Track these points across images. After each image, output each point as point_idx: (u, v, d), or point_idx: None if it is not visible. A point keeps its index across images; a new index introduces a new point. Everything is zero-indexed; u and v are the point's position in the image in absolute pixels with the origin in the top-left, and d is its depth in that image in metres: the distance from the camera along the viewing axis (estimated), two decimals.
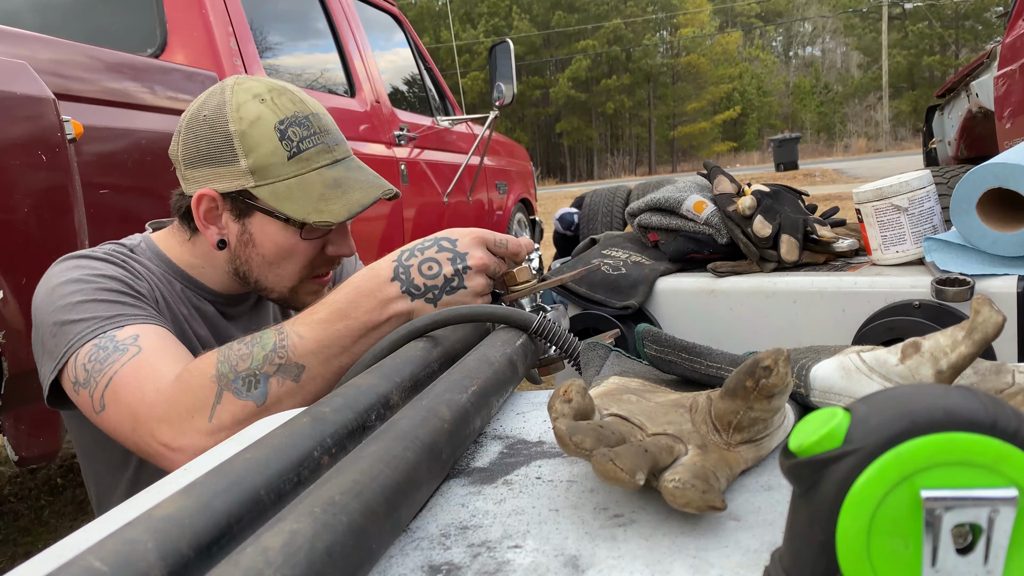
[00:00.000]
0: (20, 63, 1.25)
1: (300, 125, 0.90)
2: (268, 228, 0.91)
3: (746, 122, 44.22)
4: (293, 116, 0.90)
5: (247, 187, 0.89)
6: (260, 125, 0.88)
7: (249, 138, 0.87)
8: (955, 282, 0.90)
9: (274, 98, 0.90)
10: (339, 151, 0.94)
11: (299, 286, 0.96)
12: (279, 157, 0.88)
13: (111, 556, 0.31)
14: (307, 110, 0.92)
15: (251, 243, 0.92)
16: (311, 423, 0.48)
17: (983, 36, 34.22)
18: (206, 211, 0.91)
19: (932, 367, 0.45)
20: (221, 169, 0.89)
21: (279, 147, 0.88)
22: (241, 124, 0.87)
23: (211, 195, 0.90)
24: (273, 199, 0.89)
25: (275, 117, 0.89)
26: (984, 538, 0.26)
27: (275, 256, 0.93)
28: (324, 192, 0.89)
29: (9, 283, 1.21)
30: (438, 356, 0.67)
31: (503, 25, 42.27)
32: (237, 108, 0.88)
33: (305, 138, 0.90)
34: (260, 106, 0.89)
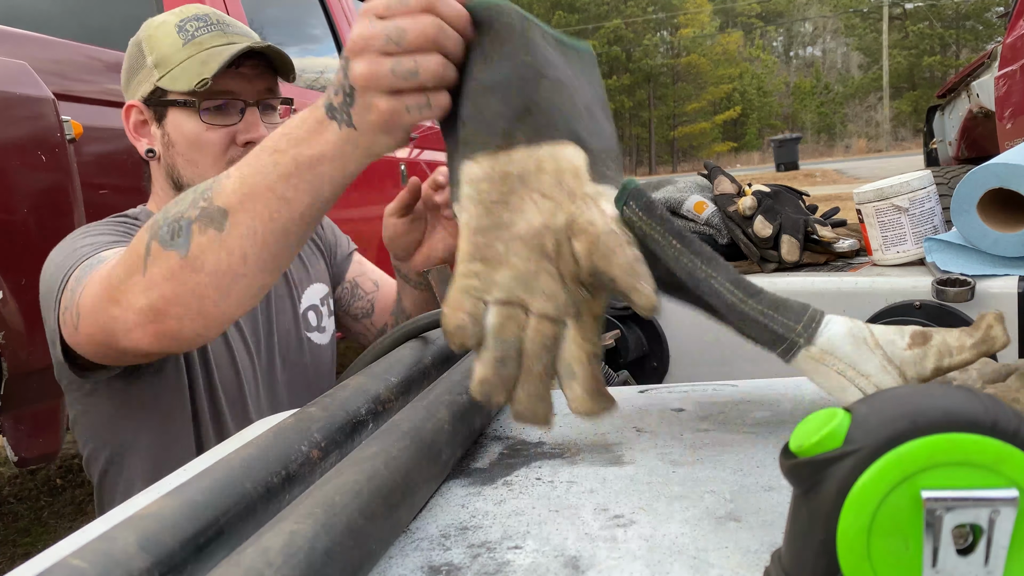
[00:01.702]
0: (20, 63, 1.25)
1: (198, 20, 0.98)
2: (178, 122, 0.97)
3: (746, 122, 44.23)
4: (194, 15, 0.98)
5: (154, 83, 0.96)
6: (164, 26, 0.97)
7: (153, 39, 0.97)
8: (956, 282, 0.90)
9: (183, 9, 1.00)
10: (237, 38, 0.98)
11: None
12: (175, 46, 0.95)
13: (91, 553, 0.32)
14: (208, 11, 0.99)
15: (170, 144, 0.98)
16: (296, 422, 0.48)
17: (984, 36, 34.22)
18: (135, 124, 1.00)
19: (935, 362, 0.46)
20: (139, 76, 0.98)
21: (176, 39, 0.96)
22: (149, 30, 0.98)
23: (135, 105, 0.99)
24: (171, 83, 0.95)
25: (176, 18, 0.98)
26: (985, 539, 0.26)
27: (189, 150, 0.97)
28: (206, 60, 0.94)
29: (9, 283, 1.21)
30: (431, 354, 0.67)
31: None
32: (150, 21, 0.99)
33: (201, 28, 0.97)
34: (167, 15, 0.99)
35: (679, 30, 44.78)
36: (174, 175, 0.99)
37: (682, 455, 0.50)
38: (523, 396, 0.47)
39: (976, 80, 3.69)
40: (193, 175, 0.97)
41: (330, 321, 1.18)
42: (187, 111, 0.95)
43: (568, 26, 42.77)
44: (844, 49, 46.59)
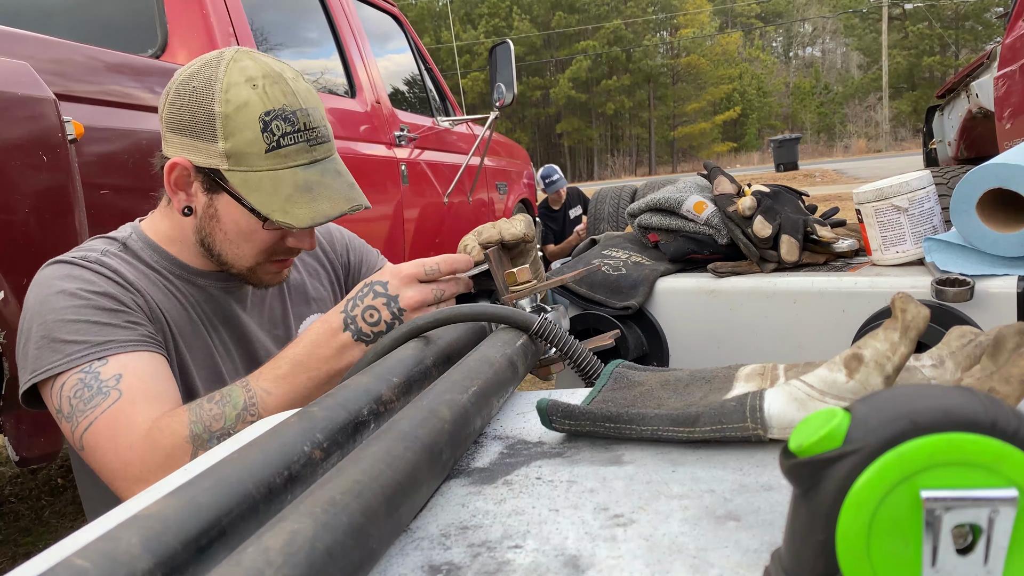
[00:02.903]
0: (21, 64, 1.25)
1: (285, 120, 0.89)
2: (232, 210, 0.92)
3: (746, 123, 44.22)
4: (280, 109, 0.88)
5: (220, 168, 0.89)
6: (245, 112, 0.87)
7: (232, 122, 0.87)
8: (955, 282, 0.90)
9: (266, 86, 0.88)
10: (320, 151, 0.93)
11: (258, 267, 0.98)
12: (257, 148, 0.88)
13: (94, 554, 0.32)
14: (297, 104, 0.90)
15: (215, 217, 0.94)
16: (299, 421, 0.48)
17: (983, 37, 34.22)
18: (177, 177, 0.92)
19: (880, 375, 0.46)
20: (199, 143, 0.89)
21: (259, 138, 0.87)
22: (227, 107, 0.87)
23: (184, 164, 0.90)
24: (243, 187, 0.89)
25: (262, 107, 0.87)
26: (984, 538, 0.26)
27: (235, 236, 0.94)
28: (293, 194, 0.89)
29: (10, 283, 1.21)
30: (432, 355, 0.67)
31: (503, 26, 42.28)
32: (227, 89, 0.87)
33: (288, 134, 0.89)
34: (250, 92, 0.87)
35: (679, 30, 44.78)
36: (206, 241, 0.96)
37: (682, 455, 0.50)
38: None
39: (975, 80, 3.69)
40: (228, 251, 0.95)
41: None
42: (247, 209, 0.91)
43: (568, 26, 42.79)
44: (843, 49, 46.61)
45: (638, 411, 0.53)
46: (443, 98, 3.70)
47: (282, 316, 1.10)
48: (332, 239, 1.23)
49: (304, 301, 1.14)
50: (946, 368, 0.53)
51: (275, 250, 0.96)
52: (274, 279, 1.01)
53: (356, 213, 0.95)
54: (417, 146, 3.03)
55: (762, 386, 0.57)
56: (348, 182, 0.96)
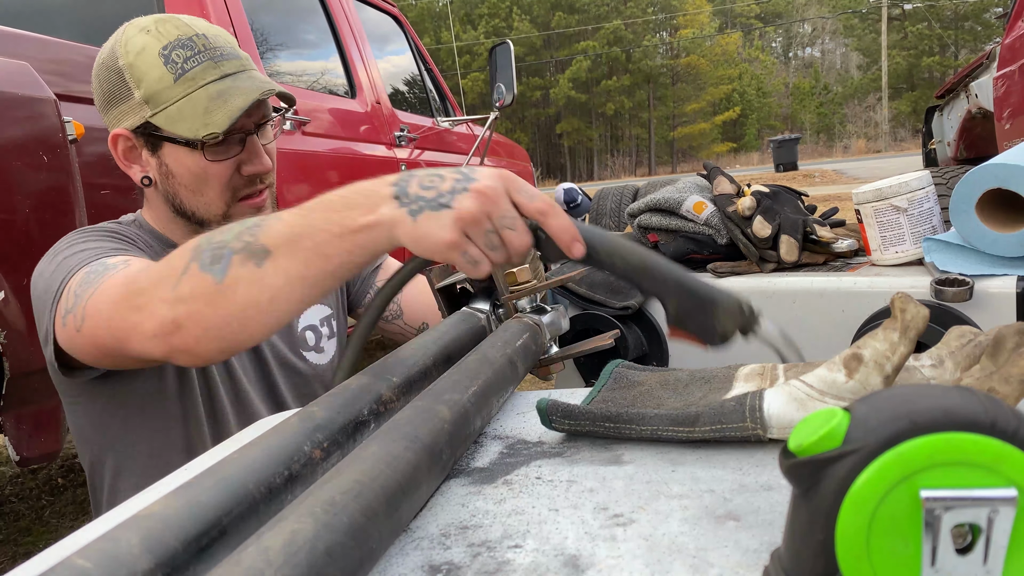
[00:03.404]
0: (22, 64, 1.25)
1: (184, 47, 0.91)
2: (177, 155, 0.93)
3: (746, 123, 44.23)
4: (176, 40, 0.91)
5: (146, 118, 0.91)
6: (145, 54, 0.90)
7: (136, 69, 0.90)
8: (954, 282, 0.90)
9: (158, 27, 0.91)
10: (228, 66, 0.94)
11: (231, 212, 0.97)
12: (166, 81, 0.90)
13: (95, 554, 0.32)
14: (191, 32, 0.92)
15: (169, 174, 0.95)
16: (299, 421, 0.48)
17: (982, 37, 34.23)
18: (124, 151, 0.95)
19: (879, 375, 0.46)
20: (123, 106, 0.92)
21: (165, 72, 0.89)
22: (128, 57, 0.90)
23: (123, 134, 0.93)
24: (168, 124, 0.90)
25: (158, 44, 0.90)
26: (983, 538, 0.26)
27: (192, 182, 0.94)
28: (208, 105, 0.90)
29: (10, 283, 1.21)
30: (432, 355, 0.67)
31: (503, 26, 42.29)
32: (125, 43, 0.91)
33: (189, 58, 0.91)
34: (145, 37, 0.91)
35: (678, 31, 44.79)
36: (175, 202, 0.96)
37: (682, 455, 0.50)
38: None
39: (975, 81, 3.69)
40: (197, 204, 0.96)
41: (331, 343, 1.17)
42: (187, 147, 0.92)
43: (568, 27, 42.80)
44: (843, 50, 46.62)
45: (638, 411, 0.53)
46: (443, 98, 3.70)
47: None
48: None
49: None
50: (945, 368, 0.53)
51: (235, 185, 0.96)
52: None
53: None
54: (417, 146, 3.03)
55: (762, 386, 0.57)
56: (262, 79, 0.95)
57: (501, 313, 0.85)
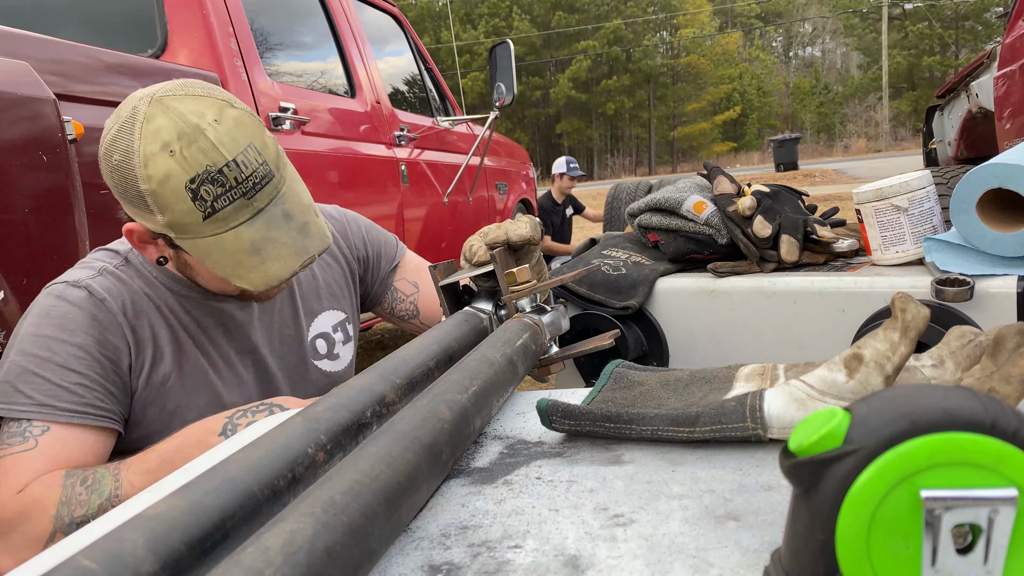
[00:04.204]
0: (21, 64, 1.25)
1: (214, 182, 0.83)
2: (200, 266, 0.93)
3: (746, 122, 44.22)
4: (205, 172, 0.82)
5: (171, 237, 0.86)
6: (169, 184, 0.81)
7: (161, 198, 0.82)
8: (955, 282, 0.90)
9: (183, 150, 0.81)
10: (260, 198, 0.86)
11: (246, 292, 0.98)
12: (194, 217, 0.83)
13: (100, 554, 0.32)
14: (221, 159, 0.83)
15: (188, 266, 0.95)
16: (303, 422, 0.48)
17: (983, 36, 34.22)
18: (138, 239, 0.91)
19: (880, 375, 0.46)
20: (143, 213, 0.85)
21: (193, 208, 0.83)
22: (151, 183, 0.81)
23: (139, 229, 0.89)
24: (196, 252, 0.87)
25: (185, 175, 0.81)
26: (984, 538, 0.26)
27: (213, 281, 0.96)
28: (242, 259, 0.86)
29: (10, 283, 1.21)
30: (434, 355, 0.67)
31: (503, 26, 42.28)
32: (145, 164, 0.81)
33: (220, 196, 0.83)
34: (168, 161, 0.81)
35: (679, 30, 44.79)
36: (188, 277, 0.98)
37: (682, 455, 0.50)
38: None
39: (975, 80, 3.69)
40: (212, 286, 0.97)
41: (345, 348, 1.16)
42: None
43: (568, 26, 42.81)
44: (843, 49, 46.63)
45: (638, 411, 0.53)
46: (443, 98, 3.70)
47: (292, 316, 1.10)
48: (347, 232, 1.21)
49: (316, 297, 1.13)
50: (946, 368, 0.53)
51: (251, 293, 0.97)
52: (264, 295, 1.01)
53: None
54: (417, 146, 3.03)
55: (762, 386, 0.57)
56: (298, 225, 0.89)
57: (503, 314, 0.85)
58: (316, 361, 1.11)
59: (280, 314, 1.08)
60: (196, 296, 0.99)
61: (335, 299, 1.16)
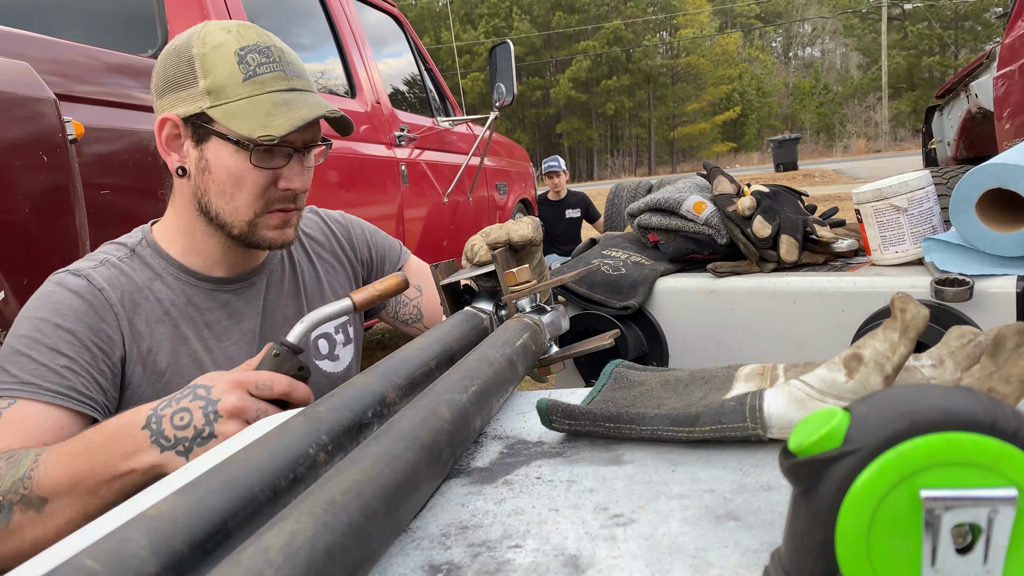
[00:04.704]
0: (22, 64, 1.25)
1: (260, 52, 0.92)
2: (221, 153, 0.93)
3: (746, 123, 44.23)
4: (255, 44, 0.92)
5: (204, 108, 0.91)
6: (221, 49, 0.91)
7: (209, 60, 0.91)
8: (954, 282, 0.90)
9: (239, 29, 0.93)
10: (297, 82, 0.95)
11: (257, 220, 0.96)
12: (235, 79, 0.90)
13: (104, 554, 0.32)
14: (271, 42, 0.94)
15: (207, 169, 0.94)
16: (305, 422, 0.48)
17: (982, 37, 34.22)
18: (168, 137, 0.94)
19: (879, 375, 0.46)
20: (183, 92, 0.92)
21: (236, 69, 0.91)
22: (204, 47, 0.91)
23: (172, 119, 0.93)
24: (225, 118, 0.91)
25: (236, 44, 0.91)
26: (984, 538, 0.26)
27: (227, 183, 0.94)
28: (271, 110, 0.91)
29: (11, 283, 1.21)
30: (435, 355, 0.67)
31: (503, 26, 42.29)
32: (203, 36, 0.92)
33: (263, 64, 0.92)
34: (225, 34, 0.92)
35: (679, 31, 44.80)
36: (203, 200, 0.96)
37: (682, 455, 0.50)
38: None
39: (975, 80, 3.69)
40: (224, 207, 0.95)
41: (346, 350, 1.16)
42: (234, 146, 0.92)
43: (568, 27, 42.81)
44: (843, 49, 46.63)
45: (638, 411, 0.53)
46: (443, 98, 3.70)
47: (296, 314, 1.09)
48: (351, 235, 1.21)
49: (320, 298, 1.13)
50: (946, 368, 0.53)
51: (269, 197, 0.96)
52: (278, 236, 0.98)
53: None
54: (417, 146, 3.03)
55: (762, 386, 0.57)
56: (326, 102, 0.97)
57: (504, 314, 0.85)
58: (317, 361, 1.11)
59: (284, 311, 1.08)
60: (204, 285, 0.99)
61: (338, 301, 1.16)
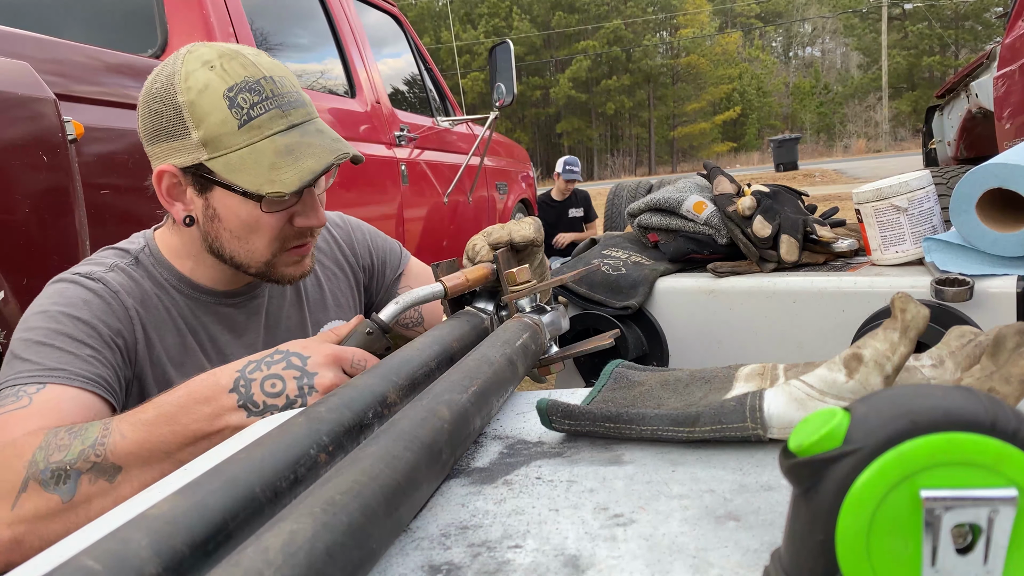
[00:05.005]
0: (22, 64, 1.25)
1: (251, 91, 0.86)
2: (229, 202, 0.88)
3: (746, 122, 44.23)
4: (243, 82, 0.85)
5: (202, 160, 0.86)
6: (208, 93, 0.84)
7: (198, 108, 0.84)
8: (954, 282, 0.90)
9: (224, 64, 0.86)
10: (296, 115, 0.89)
11: (275, 260, 0.94)
12: (229, 127, 0.85)
13: (104, 555, 0.32)
14: (259, 73, 0.87)
15: (216, 218, 0.90)
16: (306, 422, 0.48)
17: (983, 37, 34.22)
18: (168, 187, 0.89)
19: (879, 375, 0.46)
20: (176, 143, 0.86)
21: (229, 116, 0.84)
22: (189, 94, 0.84)
23: (170, 171, 0.88)
24: (227, 171, 0.85)
25: (224, 84, 0.85)
26: (984, 538, 0.26)
27: (241, 230, 0.90)
28: (275, 161, 0.85)
29: (10, 283, 1.21)
30: (436, 356, 0.67)
31: (503, 26, 42.29)
32: (185, 78, 0.85)
33: (256, 104, 0.86)
34: (208, 73, 0.85)
35: (679, 30, 44.80)
36: (214, 245, 0.92)
37: (682, 455, 0.50)
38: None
39: (975, 80, 3.69)
40: (239, 250, 0.92)
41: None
42: (241, 197, 0.87)
43: (568, 26, 42.82)
44: (843, 49, 46.63)
45: (638, 411, 0.52)
46: (443, 98, 3.70)
47: (299, 324, 1.09)
48: (352, 240, 1.20)
49: (323, 307, 1.13)
50: (946, 368, 0.53)
51: (285, 236, 0.93)
52: (296, 270, 0.96)
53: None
54: (417, 146, 3.03)
55: (762, 386, 0.57)
56: (332, 137, 0.91)
57: (504, 314, 0.85)
58: None
59: (287, 322, 1.08)
60: (207, 300, 0.98)
61: (341, 309, 1.15)
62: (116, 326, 0.87)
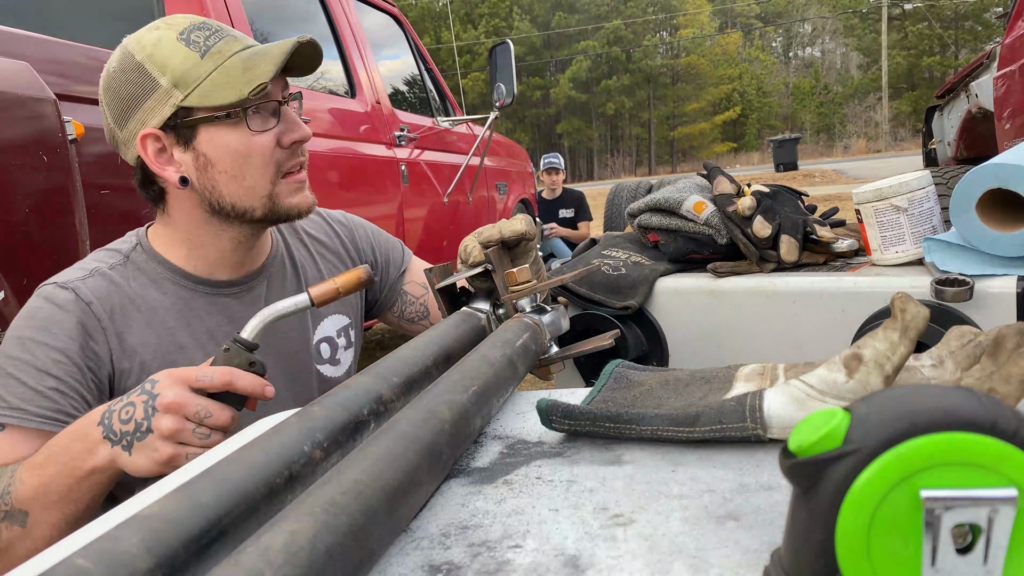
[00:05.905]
0: (21, 64, 1.25)
1: (200, 29, 0.90)
2: (217, 139, 0.89)
3: (746, 123, 44.24)
4: (190, 25, 0.90)
5: (178, 103, 0.87)
6: (163, 43, 0.88)
7: (158, 57, 0.87)
8: (955, 282, 0.90)
9: (166, 21, 0.91)
10: (248, 41, 0.93)
11: (276, 191, 0.94)
12: (192, 60, 0.88)
13: (96, 553, 0.32)
14: (200, 18, 0.93)
15: (209, 164, 0.90)
16: (299, 421, 0.48)
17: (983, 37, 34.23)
18: (155, 152, 0.90)
19: (879, 375, 0.46)
20: (148, 102, 0.88)
21: (188, 52, 0.88)
22: (146, 51, 0.88)
23: (152, 134, 0.89)
24: (204, 99, 0.87)
25: (174, 32, 0.89)
26: (984, 538, 0.26)
27: (234, 164, 0.90)
28: (245, 66, 0.88)
29: (11, 283, 1.21)
30: (432, 355, 0.67)
31: (503, 26, 42.30)
32: (138, 42, 0.89)
33: (209, 36, 0.90)
34: (156, 32, 0.90)
35: (679, 31, 44.81)
36: (212, 198, 0.92)
37: (682, 455, 0.50)
38: None
39: (975, 80, 3.69)
40: (237, 190, 0.92)
41: (347, 354, 1.15)
42: (226, 124, 0.89)
43: (568, 26, 42.81)
44: (843, 49, 46.63)
45: (638, 411, 0.52)
46: (443, 98, 3.70)
47: (299, 316, 1.09)
48: (354, 235, 1.20)
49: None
50: (946, 368, 0.53)
51: (278, 160, 0.93)
52: (302, 199, 0.96)
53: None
54: (417, 146, 3.03)
55: (762, 386, 0.57)
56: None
57: (501, 313, 0.85)
58: (319, 366, 1.10)
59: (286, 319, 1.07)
60: (204, 290, 0.98)
61: (341, 304, 1.14)
62: (85, 343, 0.88)
